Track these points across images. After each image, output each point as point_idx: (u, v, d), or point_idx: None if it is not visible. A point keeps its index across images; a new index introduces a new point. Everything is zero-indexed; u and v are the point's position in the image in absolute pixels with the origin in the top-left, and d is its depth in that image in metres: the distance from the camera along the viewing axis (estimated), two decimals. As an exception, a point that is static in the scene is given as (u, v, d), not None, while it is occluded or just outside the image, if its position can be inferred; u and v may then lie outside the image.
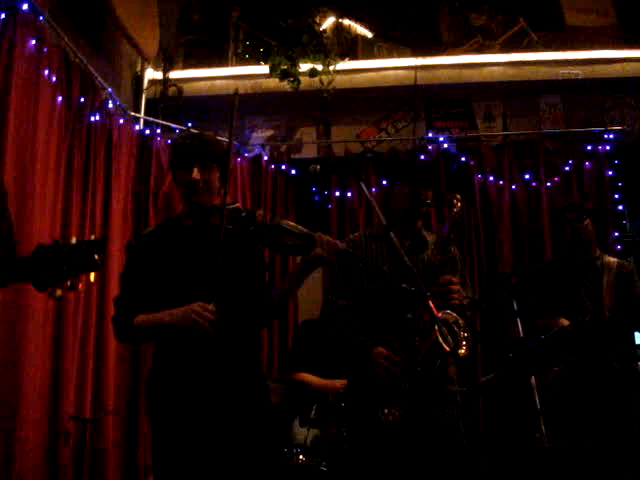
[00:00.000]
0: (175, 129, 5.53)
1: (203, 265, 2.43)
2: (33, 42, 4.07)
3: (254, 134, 6.06)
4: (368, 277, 2.94)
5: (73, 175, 4.31)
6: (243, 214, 2.47)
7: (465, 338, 2.64)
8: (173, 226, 2.63)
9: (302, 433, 3.94)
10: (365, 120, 6.16)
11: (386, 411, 2.73)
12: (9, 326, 3.56)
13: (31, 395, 3.75)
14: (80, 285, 1.53)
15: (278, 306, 2.66)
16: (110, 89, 4.98)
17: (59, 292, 1.50)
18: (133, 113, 5.48)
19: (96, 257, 1.48)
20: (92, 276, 1.48)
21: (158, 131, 5.40)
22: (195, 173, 2.47)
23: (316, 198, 5.82)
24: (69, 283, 1.49)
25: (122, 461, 4.61)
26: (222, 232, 2.36)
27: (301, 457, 3.73)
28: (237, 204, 2.56)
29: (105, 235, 1.40)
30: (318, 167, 2.86)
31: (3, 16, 3.82)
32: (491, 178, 5.66)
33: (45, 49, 4.18)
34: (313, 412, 3.96)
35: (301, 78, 5.83)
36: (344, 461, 3.57)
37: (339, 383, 3.97)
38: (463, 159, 5.71)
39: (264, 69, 5.95)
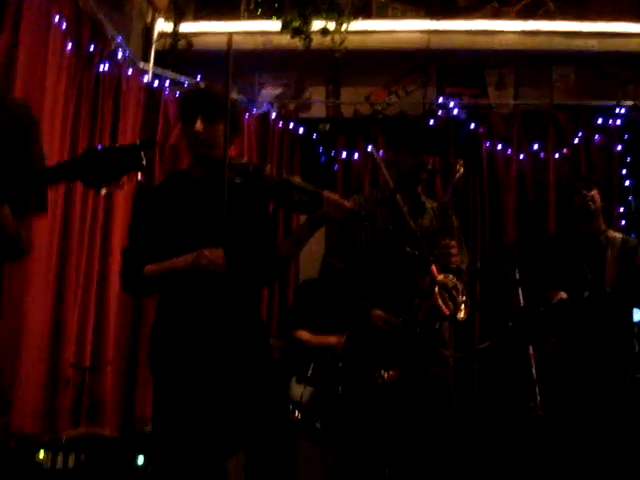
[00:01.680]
0: (183, 82, 5.47)
1: (211, 217, 2.43)
2: (44, -13, 4.03)
3: (263, 91, 6.00)
4: (372, 238, 2.94)
5: (80, 124, 4.31)
6: (251, 168, 2.47)
7: (464, 302, 2.66)
8: (181, 179, 2.62)
9: (298, 390, 3.98)
10: (375, 82, 6.07)
11: (383, 372, 2.75)
12: (13, 271, 3.59)
13: (32, 341, 3.80)
14: (125, 184, 1.63)
15: (283, 263, 2.67)
16: (120, 39, 4.93)
17: (105, 190, 1.58)
18: (142, 64, 5.43)
19: (142, 158, 1.54)
20: (139, 175, 1.58)
21: (167, 84, 5.35)
22: (198, 125, 2.45)
23: (322, 159, 5.78)
24: (116, 182, 1.58)
25: (119, 411, 4.66)
26: (226, 183, 2.36)
27: (296, 413, 3.77)
28: (245, 158, 2.55)
29: (152, 137, 1.43)
30: (328, 126, 2.84)
31: (13, -37, 3.78)
32: (499, 147, 5.62)
33: (56, -5, 4.14)
34: (310, 370, 4.00)
35: (313, 36, 5.74)
36: (338, 419, 3.61)
37: (333, 339, 4.00)
38: (472, 126, 5.67)
39: (276, 25, 5.86)
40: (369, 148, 5.52)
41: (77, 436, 3.64)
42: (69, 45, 4.27)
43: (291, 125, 5.78)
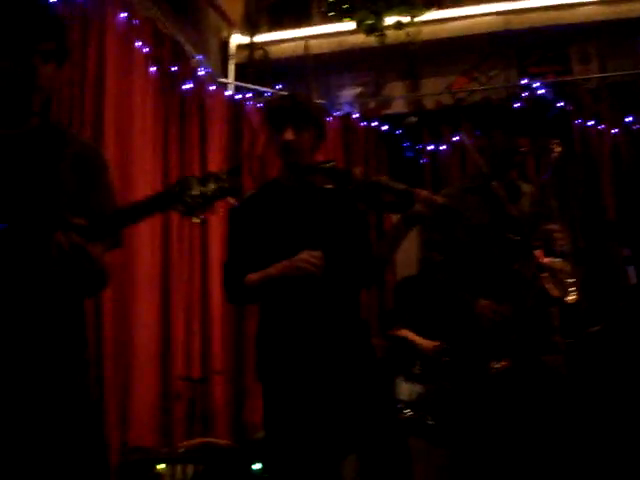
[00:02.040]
0: (264, 92, 5.55)
1: (306, 223, 2.44)
2: (123, 15, 4.15)
3: (343, 92, 6.00)
4: (467, 231, 2.89)
5: (170, 143, 4.42)
6: (340, 172, 2.47)
7: (573, 285, 2.58)
8: (273, 188, 2.64)
9: (407, 388, 3.95)
10: (455, 71, 5.97)
11: (494, 363, 2.70)
12: (120, 289, 3.71)
13: (143, 357, 3.92)
14: (219, 210, 1.70)
15: (380, 264, 2.65)
16: (199, 56, 5.03)
17: (199, 219, 1.64)
18: (222, 79, 5.53)
19: (233, 184, 1.60)
20: (231, 200, 1.69)
21: (248, 95, 5.44)
22: (288, 134, 2.45)
23: (409, 153, 5.74)
24: (210, 209, 1.64)
25: (230, 419, 4.74)
26: (318, 191, 2.37)
27: (407, 411, 3.74)
28: (333, 162, 2.55)
29: (238, 165, 1.47)
30: (415, 119, 2.81)
31: (93, -8, 3.91)
32: (590, 123, 5.43)
33: (135, 21, 4.27)
34: (417, 367, 3.96)
35: (387, 32, 5.71)
36: (450, 414, 3.56)
37: (432, 345, 3.95)
38: (560, 105, 5.49)
39: (349, 25, 5.86)
40: (455, 138, 5.45)
41: (193, 447, 3.71)
42: (152, 68, 4.39)
43: (374, 123, 5.76)
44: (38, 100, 1.85)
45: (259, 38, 6.11)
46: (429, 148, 5.64)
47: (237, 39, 6.11)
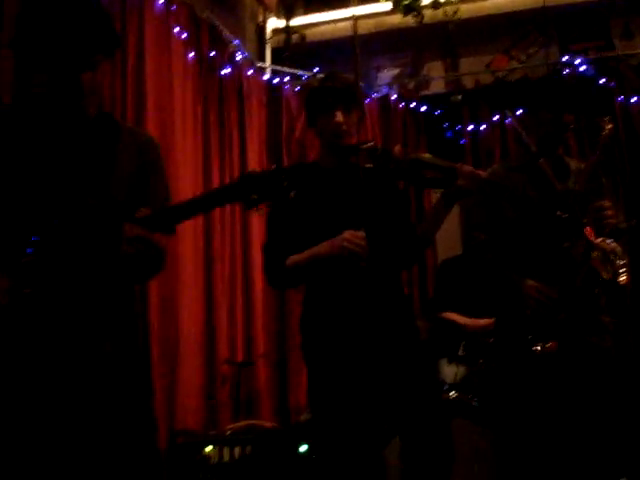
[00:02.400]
0: (302, 76, 5.53)
1: (348, 205, 2.43)
2: (161, 1, 4.17)
3: (380, 74, 5.95)
4: (513, 207, 2.85)
5: (210, 128, 4.44)
6: (380, 151, 2.45)
7: (624, 265, 2.53)
8: (313, 171, 2.63)
9: (450, 370, 3.93)
10: (494, 49, 5.87)
11: (541, 344, 2.67)
12: (165, 275, 3.74)
13: (188, 341, 3.97)
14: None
15: (423, 242, 2.63)
16: (237, 41, 5.03)
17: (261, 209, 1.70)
18: (259, 63, 5.53)
19: (294, 181, 1.66)
20: (292, 194, 1.74)
21: (286, 79, 5.43)
22: (339, 116, 2.43)
23: (448, 134, 5.68)
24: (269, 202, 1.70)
25: (274, 402, 4.78)
26: (360, 171, 2.35)
27: (452, 393, 3.72)
28: (372, 142, 2.52)
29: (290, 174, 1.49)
30: (460, 97, 2.77)
31: (129, -22, 3.93)
32: (633, 99, 5.31)
33: (173, 7, 4.28)
34: (461, 349, 3.94)
35: (424, 11, 5.64)
36: (496, 395, 3.54)
37: (483, 322, 3.91)
38: (602, 81, 5.38)
39: (386, 6, 5.80)
40: (495, 117, 5.38)
41: (240, 429, 3.75)
42: (190, 54, 4.40)
43: (412, 104, 5.71)
44: (89, 102, 1.91)
45: (295, 21, 6.08)
46: (469, 128, 5.58)
47: (273, 23, 6.09)
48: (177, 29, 4.28)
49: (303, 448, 3.61)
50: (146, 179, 1.91)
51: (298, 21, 6.13)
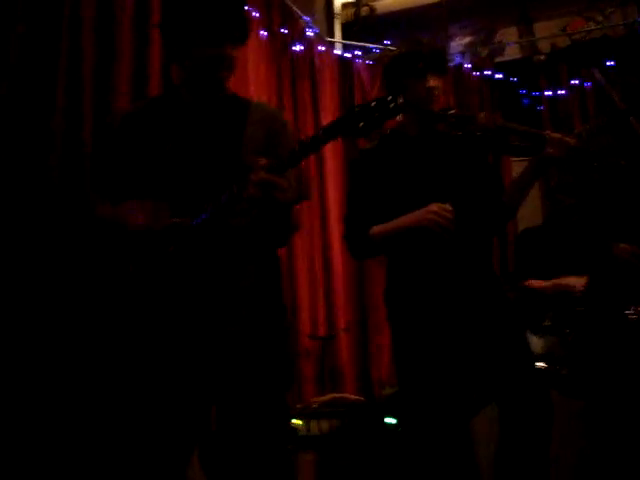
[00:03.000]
0: (372, 49, 5.48)
1: (434, 173, 2.40)
2: (233, -20, 4.18)
3: (452, 43, 5.85)
4: (602, 171, 2.76)
5: (284, 104, 4.45)
6: (465, 118, 2.40)
7: None
8: (397, 138, 2.59)
9: (536, 341, 3.86)
10: (569, 12, 5.69)
11: (634, 308, 2.59)
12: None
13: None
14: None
15: (510, 211, 2.57)
16: (307, 18, 5.02)
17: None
18: (329, 39, 5.50)
19: (399, 103, 1.62)
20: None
21: (357, 53, 5.39)
22: (432, 81, 2.39)
23: (525, 101, 5.55)
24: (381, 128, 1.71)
25: (357, 375, 4.80)
26: (445, 139, 2.32)
27: (540, 364, 3.66)
28: (455, 110, 2.48)
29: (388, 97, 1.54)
30: (543, 57, 2.69)
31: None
32: None
33: (245, -14, 4.28)
34: (546, 319, 3.86)
35: (496, -24, 5.52)
36: (586, 363, 3.46)
37: (572, 279, 3.82)
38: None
39: (457, -27, 5.69)
40: (574, 82, 5.23)
41: (326, 402, 3.78)
42: (262, 32, 4.42)
43: (487, 72, 5.59)
44: (226, 76, 2.00)
45: (364, -5, 6.03)
46: (547, 94, 5.42)
47: (341, -2, 6.06)
48: (248, 7, 4.28)
49: (390, 420, 3.62)
50: (274, 146, 1.98)
51: (366, -7, 6.07)
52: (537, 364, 3.64)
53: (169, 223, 1.88)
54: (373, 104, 1.64)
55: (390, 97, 1.63)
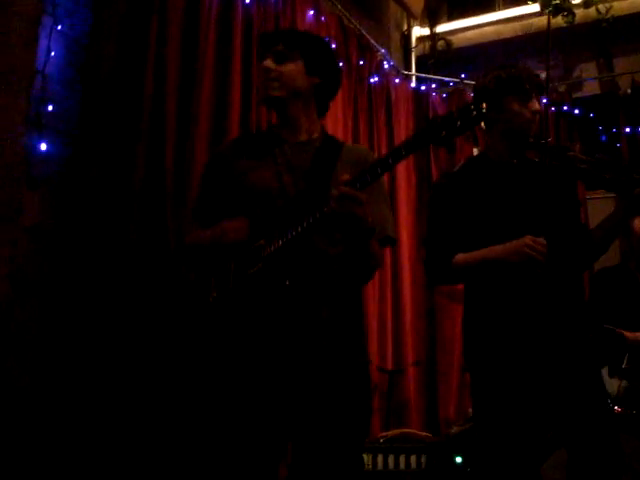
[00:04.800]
0: (448, 82, 5.47)
1: (524, 203, 2.33)
2: (311, 12, 4.25)
3: (529, 78, 5.79)
4: None
5: (360, 134, 4.48)
6: (560, 148, 2.36)
7: None
8: (483, 162, 2.52)
9: (613, 383, 3.73)
10: (650, 47, 5.58)
11: None
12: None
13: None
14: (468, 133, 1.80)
15: (600, 247, 2.48)
16: (384, 50, 5.05)
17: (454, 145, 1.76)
18: (405, 71, 5.52)
19: (482, 110, 1.61)
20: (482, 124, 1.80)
21: (432, 86, 5.39)
22: (536, 104, 2.35)
23: (603, 138, 5.44)
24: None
25: (423, 411, 4.72)
26: (537, 168, 2.27)
27: (615, 407, 3.53)
28: (549, 139, 2.44)
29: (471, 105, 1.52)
30: (629, 90, 2.63)
31: (283, -8, 4.03)
32: None
33: (322, 18, 4.35)
34: (625, 362, 3.73)
35: (575, 11, 5.44)
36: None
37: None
38: None
39: (534, 8, 5.63)
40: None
41: (394, 437, 3.72)
42: (340, 63, 4.45)
43: (565, 108, 5.51)
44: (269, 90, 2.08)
45: (440, 28, 6.06)
46: (627, 130, 5.30)
47: (417, 31, 6.10)
48: (327, 39, 4.33)
49: (459, 459, 3.53)
50: None
51: (442, 28, 6.11)
52: (613, 407, 3.53)
53: (259, 242, 1.92)
54: (455, 113, 1.63)
55: (473, 105, 1.62)
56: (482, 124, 2.44)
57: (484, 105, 1.62)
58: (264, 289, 1.90)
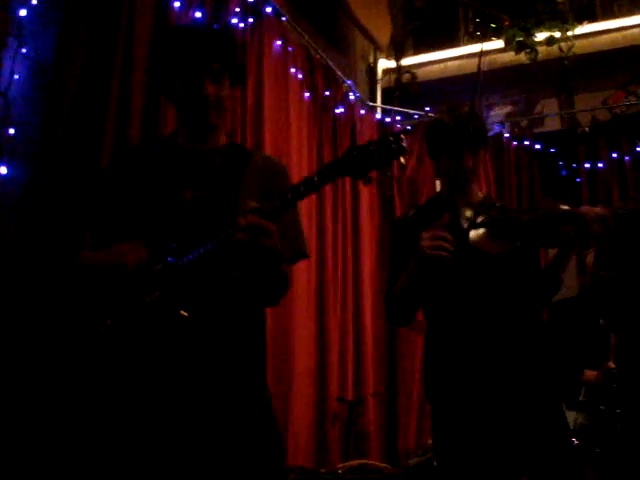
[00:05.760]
0: (413, 115, 5.54)
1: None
2: (279, 42, 4.28)
3: (492, 112, 5.89)
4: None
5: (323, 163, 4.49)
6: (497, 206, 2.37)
7: None
8: (438, 203, 2.55)
9: (571, 416, 3.76)
10: (611, 85, 5.70)
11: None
12: (280, 311, 3.77)
13: (301, 377, 3.96)
14: (388, 171, 1.74)
15: (551, 289, 2.50)
16: (349, 82, 5.10)
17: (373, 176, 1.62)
18: (370, 103, 5.58)
19: (401, 143, 1.53)
20: (402, 160, 1.58)
21: (397, 118, 5.45)
22: (466, 161, 2.29)
23: (563, 172, 5.54)
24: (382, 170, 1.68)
25: (383, 442, 4.70)
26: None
27: (573, 440, 3.55)
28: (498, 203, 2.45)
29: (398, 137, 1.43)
30: (587, 129, 2.68)
31: (251, 20, 4.05)
32: None
33: (290, 48, 4.39)
34: (582, 394, 3.77)
35: (538, 48, 5.59)
36: (621, 442, 3.35)
37: (595, 374, 3.74)
38: None
39: (497, 44, 5.78)
40: (614, 155, 5.22)
41: (352, 468, 3.69)
42: (306, 93, 4.49)
43: (526, 142, 5.61)
44: (214, 116, 1.94)
45: (405, 61, 6.15)
46: (586, 166, 5.41)
47: (384, 63, 6.18)
48: (293, 70, 4.37)
49: (417, 491, 3.52)
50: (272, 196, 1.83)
51: (408, 61, 6.20)
52: (571, 440, 3.55)
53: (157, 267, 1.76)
54: (372, 146, 1.56)
55: (392, 138, 1.56)
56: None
57: (403, 137, 1.55)
58: (161, 319, 1.74)
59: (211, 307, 1.79)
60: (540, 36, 5.61)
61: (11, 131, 2.87)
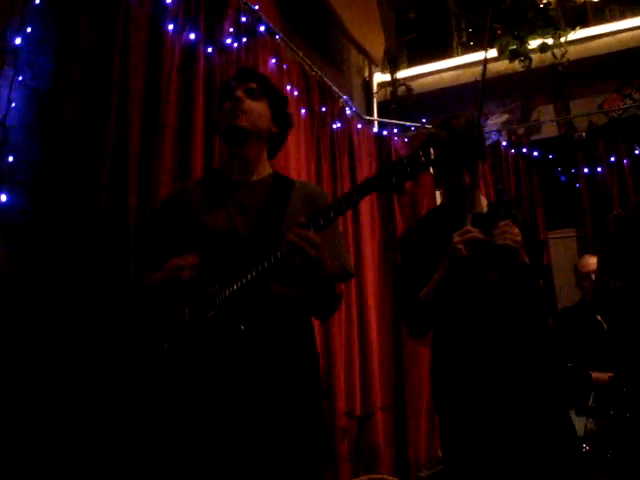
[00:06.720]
0: (409, 127, 5.56)
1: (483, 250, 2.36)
2: (273, 60, 4.30)
3: (488, 121, 5.91)
4: None
5: (323, 180, 4.50)
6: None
7: None
8: (442, 214, 2.56)
9: (580, 422, 3.74)
10: (606, 89, 5.73)
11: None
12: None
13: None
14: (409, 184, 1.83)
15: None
16: (345, 97, 5.13)
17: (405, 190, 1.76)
18: (367, 117, 5.60)
19: (430, 154, 1.66)
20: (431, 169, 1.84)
21: (394, 131, 5.47)
22: (465, 178, 2.34)
23: (562, 178, 5.55)
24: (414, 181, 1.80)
25: (393, 456, 4.68)
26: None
27: (584, 445, 3.53)
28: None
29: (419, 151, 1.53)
30: (584, 134, 2.69)
31: (245, 40, 4.07)
32: None
33: (284, 66, 4.40)
34: (591, 400, 3.75)
35: (531, 55, 5.61)
36: (631, 447, 3.33)
37: (607, 377, 3.74)
38: None
39: (491, 53, 5.79)
40: (612, 159, 5.23)
41: (364, 483, 3.68)
42: (303, 110, 4.50)
43: (524, 150, 5.62)
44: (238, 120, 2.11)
45: (400, 74, 6.18)
46: (585, 171, 5.42)
47: (379, 77, 6.22)
48: (289, 87, 4.39)
49: (430, 503, 3.51)
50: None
51: (403, 74, 6.23)
52: (583, 447, 3.54)
53: (214, 287, 1.92)
54: (405, 160, 1.68)
55: (421, 152, 1.67)
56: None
57: (432, 151, 1.66)
58: (219, 335, 1.89)
59: (265, 322, 1.95)
60: (533, 43, 5.63)
61: (10, 159, 2.89)
